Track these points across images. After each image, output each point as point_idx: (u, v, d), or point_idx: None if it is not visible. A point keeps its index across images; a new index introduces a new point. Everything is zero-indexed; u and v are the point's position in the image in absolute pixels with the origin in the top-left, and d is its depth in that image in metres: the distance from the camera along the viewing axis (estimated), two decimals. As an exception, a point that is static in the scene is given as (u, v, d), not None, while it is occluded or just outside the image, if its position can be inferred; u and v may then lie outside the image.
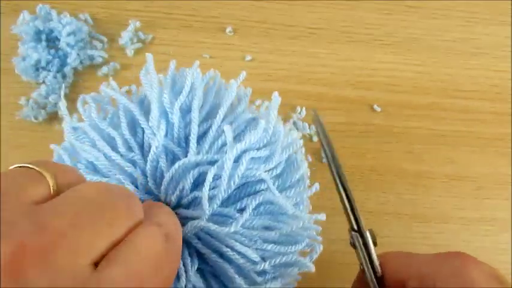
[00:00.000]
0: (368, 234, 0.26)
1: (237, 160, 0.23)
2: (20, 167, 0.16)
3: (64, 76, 0.39)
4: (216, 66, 0.41)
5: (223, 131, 0.24)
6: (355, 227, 0.26)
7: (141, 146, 0.25)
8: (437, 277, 0.23)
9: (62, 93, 0.39)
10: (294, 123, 0.39)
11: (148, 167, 0.24)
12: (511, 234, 0.38)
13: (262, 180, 0.24)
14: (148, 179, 0.24)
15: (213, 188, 0.23)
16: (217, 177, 0.23)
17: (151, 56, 0.28)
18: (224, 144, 0.24)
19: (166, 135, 0.24)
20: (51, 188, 0.16)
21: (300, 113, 0.40)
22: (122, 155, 0.24)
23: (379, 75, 0.42)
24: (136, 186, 0.24)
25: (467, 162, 0.40)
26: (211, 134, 0.24)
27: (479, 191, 0.39)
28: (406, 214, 0.38)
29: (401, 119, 0.41)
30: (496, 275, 0.22)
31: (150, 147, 0.24)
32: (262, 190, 0.24)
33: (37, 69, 0.39)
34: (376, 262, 0.25)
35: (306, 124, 0.39)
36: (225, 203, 0.24)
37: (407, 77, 0.42)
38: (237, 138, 0.25)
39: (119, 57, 0.40)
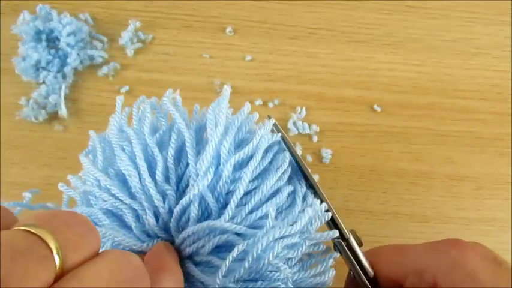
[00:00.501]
0: (351, 237, 0.25)
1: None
2: (23, 230, 0.13)
3: (64, 76, 0.39)
4: (216, 66, 0.41)
5: (264, 203, 0.23)
6: (337, 234, 0.25)
7: (179, 180, 0.24)
8: (437, 271, 0.22)
9: (62, 93, 0.39)
10: (294, 123, 0.39)
11: (178, 208, 0.22)
12: (511, 234, 0.38)
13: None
14: (172, 219, 0.23)
15: (233, 260, 0.21)
16: (242, 252, 0.21)
17: (229, 89, 0.26)
18: (262, 218, 0.23)
19: (209, 184, 0.23)
20: (57, 267, 0.13)
21: (300, 113, 0.40)
22: (156, 183, 0.23)
23: (379, 75, 0.42)
24: (157, 220, 0.23)
25: (467, 162, 0.40)
26: (253, 202, 0.23)
27: (479, 191, 0.39)
28: (406, 214, 0.38)
29: (401, 119, 0.41)
30: (493, 256, 0.22)
31: (187, 185, 0.23)
32: (279, 281, 0.23)
33: (37, 69, 0.39)
34: (366, 264, 0.25)
35: (306, 124, 0.39)
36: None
37: (407, 77, 0.42)
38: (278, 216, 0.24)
39: (119, 57, 0.40)
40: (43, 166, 0.37)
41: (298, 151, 0.39)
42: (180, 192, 0.24)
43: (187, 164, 0.23)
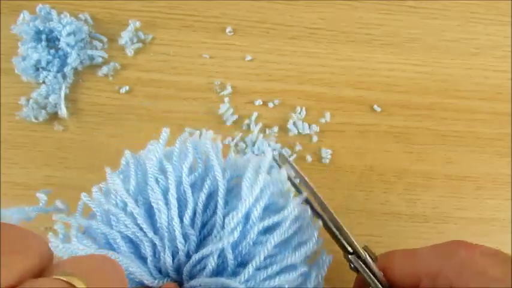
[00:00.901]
0: (366, 254, 0.26)
1: None
2: (61, 280, 0.13)
3: (64, 76, 0.39)
4: (216, 66, 0.41)
5: (279, 274, 0.23)
6: (351, 250, 0.26)
7: (203, 226, 0.24)
8: (449, 273, 0.23)
9: (62, 93, 0.39)
10: (294, 123, 0.39)
11: (197, 256, 0.23)
12: (511, 234, 0.38)
13: None
14: (188, 264, 0.23)
15: None
16: None
17: (270, 152, 0.26)
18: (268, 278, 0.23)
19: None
20: None
21: (300, 113, 0.40)
22: (182, 225, 0.23)
23: (379, 75, 0.42)
24: (173, 259, 0.23)
25: (467, 162, 0.40)
26: (269, 271, 0.23)
27: (479, 191, 0.39)
28: (406, 214, 0.38)
29: (401, 119, 0.41)
30: (500, 254, 0.23)
31: (209, 233, 0.23)
32: None
33: (37, 69, 0.39)
34: (381, 277, 0.25)
35: (306, 124, 0.39)
36: None
37: (407, 77, 0.42)
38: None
39: (119, 57, 0.40)
40: (43, 166, 0.37)
41: (298, 147, 0.39)
42: (201, 238, 0.24)
43: (214, 213, 0.24)
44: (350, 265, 0.26)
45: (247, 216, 0.23)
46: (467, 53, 0.43)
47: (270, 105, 0.40)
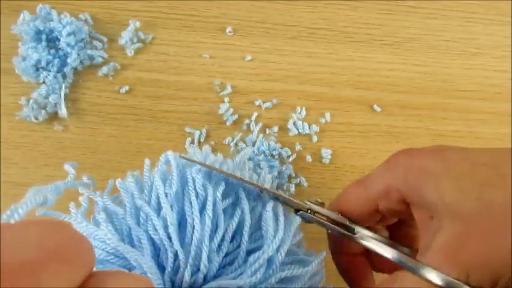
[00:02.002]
0: (310, 203, 0.26)
1: None
2: None
3: (64, 76, 0.39)
4: (216, 66, 0.41)
5: None
6: (294, 208, 0.26)
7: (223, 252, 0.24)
8: (397, 183, 0.23)
9: (62, 93, 0.39)
10: (294, 123, 0.39)
11: (211, 285, 0.23)
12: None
13: None
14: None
15: None
16: None
17: (297, 220, 0.26)
18: None
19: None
20: None
21: (300, 113, 0.40)
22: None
23: (379, 75, 0.42)
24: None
25: (467, 162, 0.40)
26: None
27: (479, 191, 0.39)
28: (406, 214, 0.38)
29: (401, 119, 0.41)
30: (433, 149, 0.23)
31: (231, 263, 0.24)
32: None
33: (37, 69, 0.39)
34: (336, 215, 0.25)
35: (306, 124, 0.39)
36: None
37: (407, 77, 0.42)
38: None
39: (119, 57, 0.40)
40: (43, 166, 0.37)
41: (298, 147, 0.39)
42: (222, 265, 0.24)
43: (239, 245, 0.24)
44: (304, 221, 0.26)
45: (270, 260, 0.23)
46: (467, 53, 0.43)
47: (270, 105, 0.40)
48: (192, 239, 0.23)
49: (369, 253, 0.27)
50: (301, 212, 0.26)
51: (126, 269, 0.23)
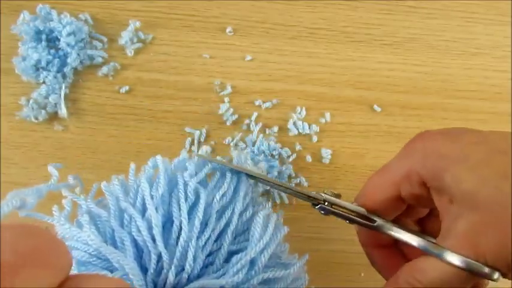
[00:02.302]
0: (327, 195, 0.26)
1: None
2: None
3: (64, 76, 0.39)
4: (216, 66, 0.41)
5: None
6: (314, 202, 0.26)
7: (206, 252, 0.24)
8: (416, 167, 0.23)
9: (62, 93, 0.39)
10: (294, 123, 0.39)
11: (194, 285, 0.23)
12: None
13: None
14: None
15: None
16: None
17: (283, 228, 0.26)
18: None
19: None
20: None
21: (300, 113, 0.40)
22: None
23: (379, 75, 0.42)
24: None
25: (467, 162, 0.40)
26: None
27: (479, 191, 0.39)
28: (406, 214, 0.38)
29: (401, 119, 0.41)
30: (447, 131, 0.23)
31: (211, 264, 0.24)
32: None
33: (37, 69, 0.39)
34: (355, 206, 0.25)
35: (306, 124, 0.39)
36: None
37: (407, 77, 0.42)
38: None
39: (119, 57, 0.40)
40: (43, 166, 0.37)
41: (298, 147, 0.39)
42: (204, 265, 0.24)
43: (221, 245, 0.24)
44: (322, 213, 0.26)
45: (252, 261, 0.24)
46: (467, 53, 0.43)
47: (270, 105, 0.40)
48: (177, 240, 0.23)
49: (398, 245, 0.28)
50: (320, 205, 0.26)
51: (109, 271, 0.23)
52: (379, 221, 0.25)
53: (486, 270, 0.20)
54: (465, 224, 0.21)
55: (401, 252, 0.28)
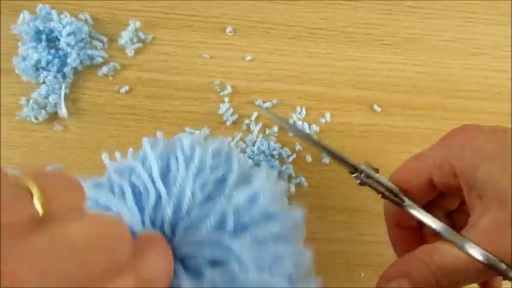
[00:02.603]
0: (366, 167, 0.27)
1: None
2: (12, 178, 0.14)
3: (64, 76, 0.39)
4: (216, 66, 0.41)
5: None
6: (353, 170, 0.27)
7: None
8: (451, 158, 0.23)
9: (62, 93, 0.39)
10: (294, 123, 0.39)
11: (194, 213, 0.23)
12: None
13: None
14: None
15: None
16: None
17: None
18: None
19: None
20: (38, 212, 0.13)
21: (300, 113, 0.40)
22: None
23: (379, 75, 0.42)
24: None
25: (467, 162, 0.40)
26: None
27: (479, 191, 0.39)
28: (406, 214, 0.38)
29: (401, 119, 0.41)
30: (494, 128, 0.24)
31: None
32: None
33: (37, 69, 0.39)
34: (389, 183, 0.26)
35: (306, 124, 0.39)
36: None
37: (407, 77, 0.42)
38: None
39: (119, 57, 0.40)
40: (43, 166, 0.37)
41: (298, 147, 0.39)
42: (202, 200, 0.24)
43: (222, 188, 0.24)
44: (357, 182, 0.27)
45: (254, 196, 0.24)
46: (467, 53, 0.43)
47: (270, 105, 0.40)
48: (176, 176, 0.23)
49: (422, 231, 0.28)
50: (356, 174, 0.27)
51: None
52: (408, 202, 0.25)
53: (503, 267, 0.20)
54: (490, 220, 0.21)
55: (422, 238, 0.28)
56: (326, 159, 0.39)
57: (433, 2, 0.45)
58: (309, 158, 0.39)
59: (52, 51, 0.39)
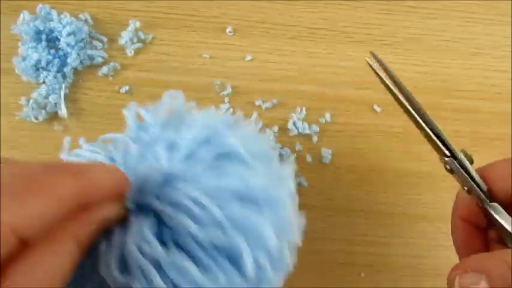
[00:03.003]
0: (462, 156, 0.26)
1: None
2: None
3: (64, 76, 0.39)
4: (216, 66, 0.41)
5: None
6: (447, 153, 0.26)
7: None
8: None
9: (62, 93, 0.39)
10: (294, 123, 0.39)
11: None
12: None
13: None
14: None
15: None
16: None
17: None
18: None
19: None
20: None
21: (300, 113, 0.40)
22: None
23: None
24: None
25: (467, 162, 0.40)
26: None
27: (479, 191, 0.39)
28: (406, 214, 0.38)
29: (401, 119, 0.41)
30: None
31: None
32: None
33: (37, 69, 0.39)
34: (479, 180, 0.25)
35: (306, 124, 0.39)
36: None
37: (407, 77, 0.42)
38: None
39: (119, 57, 0.40)
40: (43, 166, 0.37)
41: (298, 147, 0.39)
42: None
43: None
44: (446, 167, 0.26)
45: None
46: (467, 53, 0.43)
47: (270, 105, 0.40)
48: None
49: (488, 234, 0.27)
50: (450, 158, 0.26)
51: None
52: (494, 203, 0.25)
53: None
54: None
55: (487, 241, 0.27)
56: (326, 160, 0.39)
57: (433, 2, 0.45)
58: (309, 158, 0.39)
59: (52, 51, 0.39)
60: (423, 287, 0.36)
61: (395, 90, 0.27)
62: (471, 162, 0.26)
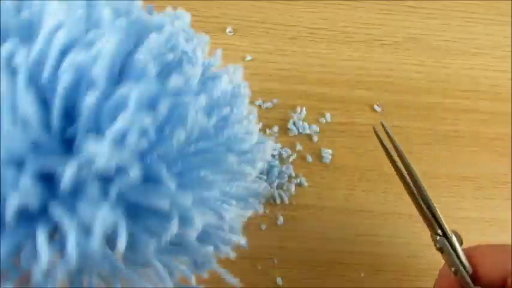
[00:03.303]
0: (454, 237, 0.26)
1: None
2: None
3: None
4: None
5: None
6: (440, 232, 0.26)
7: None
8: None
9: (62, 93, 0.39)
10: (294, 123, 0.39)
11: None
12: (511, 234, 0.38)
13: None
14: None
15: None
16: None
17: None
18: None
19: None
20: None
21: (300, 113, 0.40)
22: None
23: (379, 75, 0.42)
24: None
25: (467, 162, 0.40)
26: None
27: (479, 191, 0.39)
28: (406, 214, 0.38)
29: (401, 119, 0.41)
30: None
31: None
32: None
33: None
34: (466, 263, 0.25)
35: (306, 124, 0.39)
36: None
37: (407, 77, 0.42)
38: None
39: (118, 57, 0.40)
40: (43, 166, 0.37)
41: (298, 147, 0.39)
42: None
43: None
44: (436, 245, 0.26)
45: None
46: (467, 53, 0.43)
47: (270, 105, 0.40)
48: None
49: None
50: (442, 237, 0.26)
51: None
52: (478, 287, 0.25)
53: None
54: None
55: None
56: (326, 160, 0.39)
57: (433, 2, 0.45)
58: (309, 158, 0.39)
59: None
60: (423, 287, 0.36)
61: (399, 164, 0.27)
62: (461, 243, 0.26)
